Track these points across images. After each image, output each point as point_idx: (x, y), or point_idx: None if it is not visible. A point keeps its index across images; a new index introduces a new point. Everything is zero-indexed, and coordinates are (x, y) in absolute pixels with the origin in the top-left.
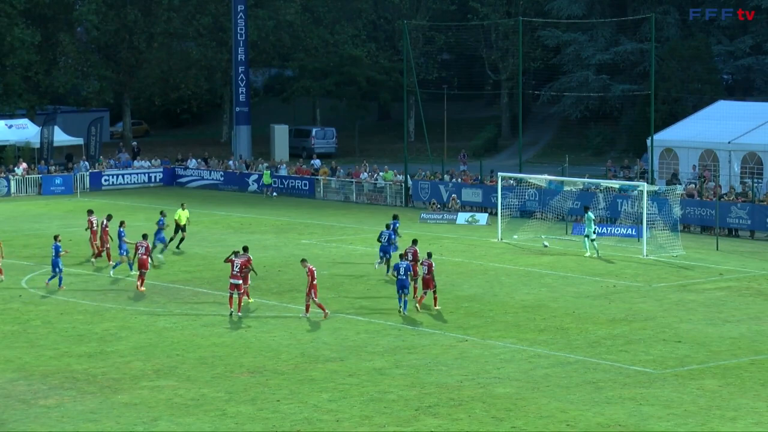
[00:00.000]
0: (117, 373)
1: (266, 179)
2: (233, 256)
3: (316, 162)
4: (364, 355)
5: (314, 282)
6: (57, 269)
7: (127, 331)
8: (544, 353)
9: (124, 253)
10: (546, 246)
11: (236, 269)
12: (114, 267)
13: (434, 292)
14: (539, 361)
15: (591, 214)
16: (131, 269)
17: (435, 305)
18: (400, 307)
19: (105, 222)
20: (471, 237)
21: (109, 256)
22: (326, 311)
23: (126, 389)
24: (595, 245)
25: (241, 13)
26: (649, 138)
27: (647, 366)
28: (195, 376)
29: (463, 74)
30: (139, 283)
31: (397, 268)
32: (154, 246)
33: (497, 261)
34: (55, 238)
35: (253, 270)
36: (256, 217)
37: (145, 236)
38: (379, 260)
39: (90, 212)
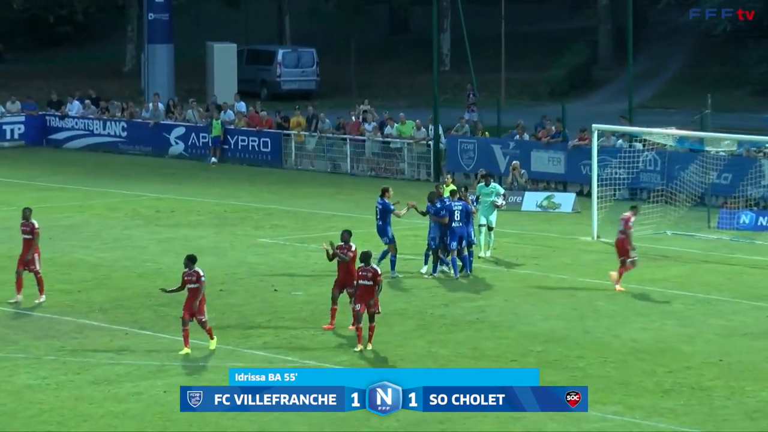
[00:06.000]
0: None
1: (216, 130)
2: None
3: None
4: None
5: None
6: None
7: None
8: (669, 430)
9: (389, 242)
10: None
11: None
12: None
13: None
14: None
15: (498, 187)
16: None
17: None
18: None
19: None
20: (548, 233)
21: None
22: None
23: None
24: (491, 238)
25: None
26: None
27: None
28: None
29: None
30: None
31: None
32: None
33: (591, 274)
34: None
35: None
36: (182, 198)
37: None
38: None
39: None
